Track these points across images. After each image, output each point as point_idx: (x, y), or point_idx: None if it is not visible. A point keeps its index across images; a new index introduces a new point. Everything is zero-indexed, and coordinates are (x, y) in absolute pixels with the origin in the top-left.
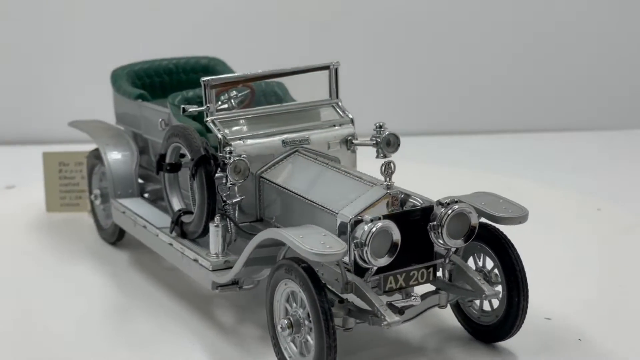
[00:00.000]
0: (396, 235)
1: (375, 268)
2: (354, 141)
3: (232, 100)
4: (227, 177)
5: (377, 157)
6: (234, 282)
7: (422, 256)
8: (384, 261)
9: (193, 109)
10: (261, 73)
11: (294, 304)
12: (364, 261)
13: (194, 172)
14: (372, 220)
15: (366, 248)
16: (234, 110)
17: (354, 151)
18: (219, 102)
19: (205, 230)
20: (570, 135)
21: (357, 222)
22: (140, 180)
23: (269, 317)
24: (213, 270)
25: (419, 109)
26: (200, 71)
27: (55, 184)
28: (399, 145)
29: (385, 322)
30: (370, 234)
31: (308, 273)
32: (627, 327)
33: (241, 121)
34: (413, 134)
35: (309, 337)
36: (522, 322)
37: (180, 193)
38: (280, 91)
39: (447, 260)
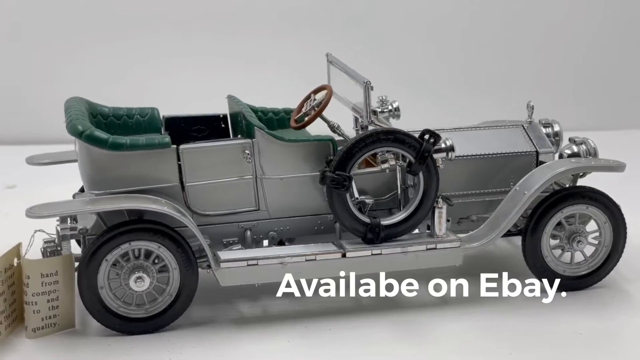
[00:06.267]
0: None
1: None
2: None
3: (311, 103)
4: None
5: None
6: None
7: None
8: None
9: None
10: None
11: (577, 224)
12: None
13: (422, 164)
14: (577, 142)
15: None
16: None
17: None
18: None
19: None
20: None
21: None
22: None
23: (536, 254)
24: (461, 246)
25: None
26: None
27: None
28: None
29: None
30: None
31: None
32: None
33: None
34: None
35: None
36: None
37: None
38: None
39: None
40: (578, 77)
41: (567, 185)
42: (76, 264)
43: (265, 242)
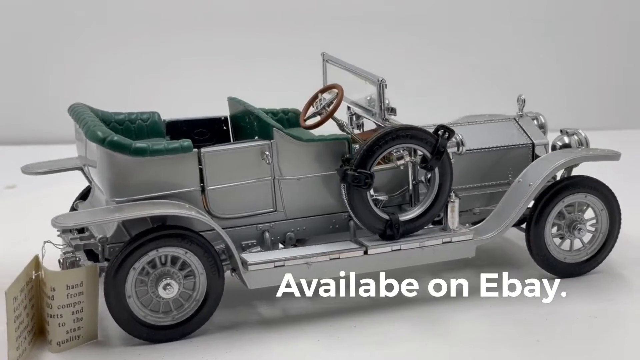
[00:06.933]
0: None
1: None
2: None
3: (321, 103)
4: None
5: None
6: None
7: None
8: None
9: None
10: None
11: (576, 213)
12: None
13: (438, 159)
14: (569, 133)
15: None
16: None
17: None
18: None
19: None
20: None
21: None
22: None
23: (539, 243)
24: (474, 239)
25: None
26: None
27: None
28: None
29: None
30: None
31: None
32: None
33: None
34: None
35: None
36: None
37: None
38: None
39: None
40: (576, 77)
41: (560, 176)
42: None
43: (280, 245)
